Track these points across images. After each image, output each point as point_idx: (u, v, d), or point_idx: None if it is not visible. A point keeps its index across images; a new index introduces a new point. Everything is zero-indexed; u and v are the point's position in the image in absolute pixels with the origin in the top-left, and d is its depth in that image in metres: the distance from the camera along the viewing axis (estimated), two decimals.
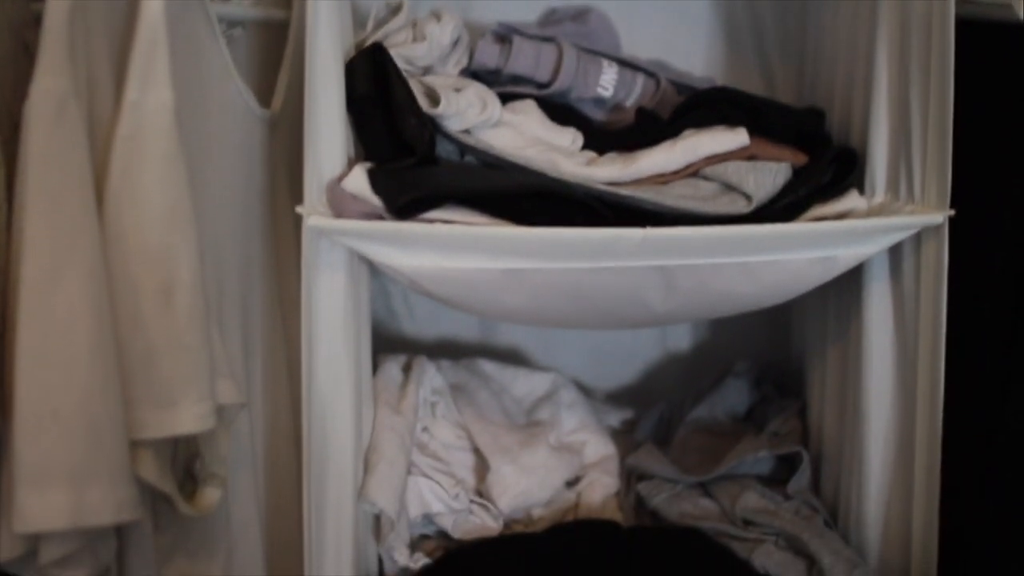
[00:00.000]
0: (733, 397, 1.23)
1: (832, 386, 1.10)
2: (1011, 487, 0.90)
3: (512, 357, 1.33)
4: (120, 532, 0.89)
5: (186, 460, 0.92)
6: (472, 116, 0.99)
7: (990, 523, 0.91)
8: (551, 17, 1.14)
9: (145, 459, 0.84)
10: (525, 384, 1.26)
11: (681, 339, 1.35)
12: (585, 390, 1.29)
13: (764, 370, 1.27)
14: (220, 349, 0.91)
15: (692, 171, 0.96)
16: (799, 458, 1.06)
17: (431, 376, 1.17)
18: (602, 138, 1.05)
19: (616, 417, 1.30)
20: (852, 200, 0.97)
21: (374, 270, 0.99)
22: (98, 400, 0.79)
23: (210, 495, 0.91)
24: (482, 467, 1.14)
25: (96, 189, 0.80)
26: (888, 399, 0.98)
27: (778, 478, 1.09)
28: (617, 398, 1.34)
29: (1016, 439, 0.90)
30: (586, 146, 1.04)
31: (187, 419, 0.83)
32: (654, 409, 1.28)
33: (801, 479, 1.06)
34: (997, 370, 0.92)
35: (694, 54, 1.23)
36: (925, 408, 0.95)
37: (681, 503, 1.07)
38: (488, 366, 1.26)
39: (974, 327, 0.95)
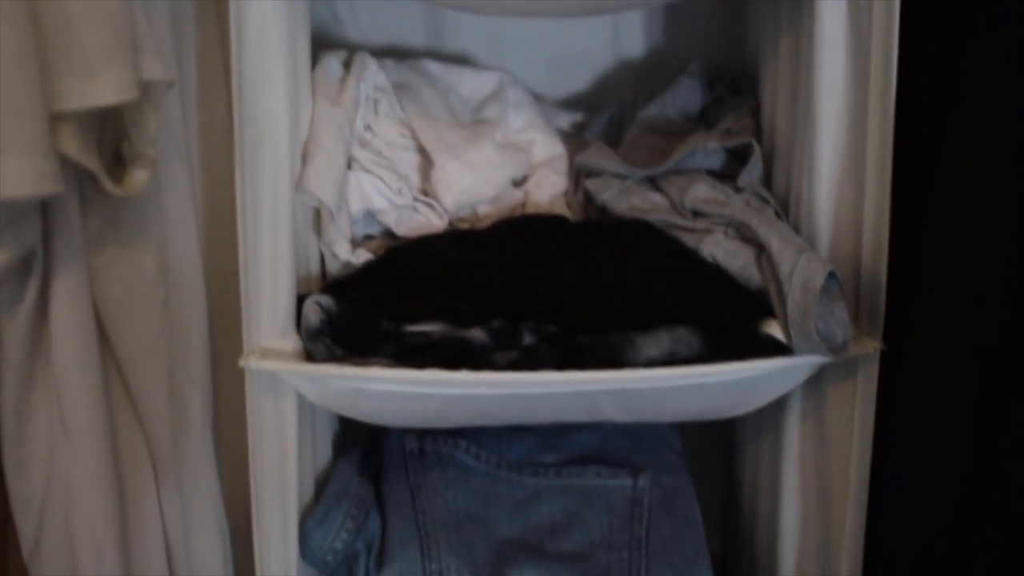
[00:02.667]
0: (685, 96, 1.22)
1: (785, 83, 1.09)
2: (960, 167, 0.91)
3: (460, 62, 1.31)
4: (45, 213, 0.88)
5: (113, 142, 0.91)
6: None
7: (940, 208, 0.92)
8: None
9: (67, 133, 0.82)
10: (471, 83, 1.24)
11: (635, 43, 1.33)
12: (536, 97, 1.27)
13: (718, 72, 1.26)
14: (144, 24, 0.88)
15: None
16: (750, 152, 1.07)
17: (373, 72, 1.15)
18: None
19: (566, 119, 1.29)
20: None
21: None
22: (13, 70, 0.77)
23: (138, 175, 0.90)
24: (427, 167, 1.13)
25: None
26: (841, 88, 0.98)
27: (729, 173, 1.09)
28: (569, 104, 1.33)
29: (968, 120, 0.90)
30: None
31: (108, 89, 0.81)
32: (604, 110, 1.27)
33: (752, 171, 1.06)
34: (951, 51, 0.91)
35: None
36: (877, 98, 0.94)
37: (630, 197, 1.08)
38: (433, 66, 1.23)
39: (929, 12, 0.94)
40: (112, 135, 0.91)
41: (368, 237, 1.13)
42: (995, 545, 0.96)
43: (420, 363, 0.94)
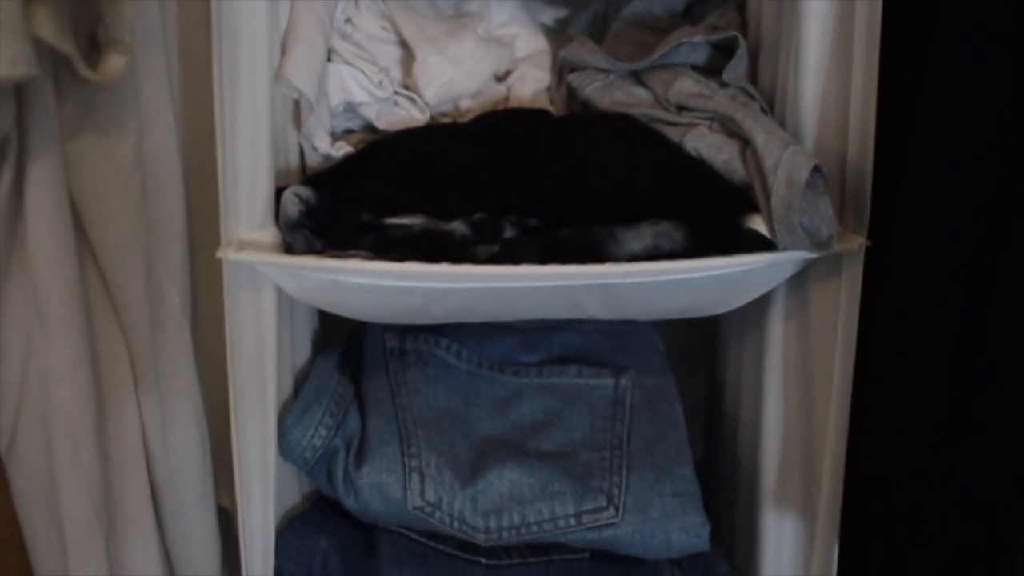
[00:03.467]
0: None
1: None
2: (950, 59, 0.91)
3: None
4: (19, 99, 0.89)
5: (89, 27, 0.91)
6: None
7: (928, 102, 0.93)
8: None
9: (41, 15, 0.82)
10: None
11: None
12: None
13: None
14: None
15: None
16: (736, 46, 1.07)
17: None
18: None
19: (549, 15, 1.29)
20: None
21: None
22: None
23: (114, 61, 0.90)
24: (408, 60, 1.14)
25: None
26: None
27: (714, 68, 1.09)
28: None
29: (958, 11, 0.90)
30: None
31: None
32: (588, 6, 1.27)
33: (737, 66, 1.06)
34: None
35: None
36: None
37: (613, 92, 1.08)
38: None
39: None
40: (88, 20, 0.90)
41: (348, 131, 1.14)
42: (978, 443, 0.98)
43: (400, 256, 0.95)
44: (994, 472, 0.98)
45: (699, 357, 1.36)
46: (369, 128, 1.13)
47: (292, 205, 0.96)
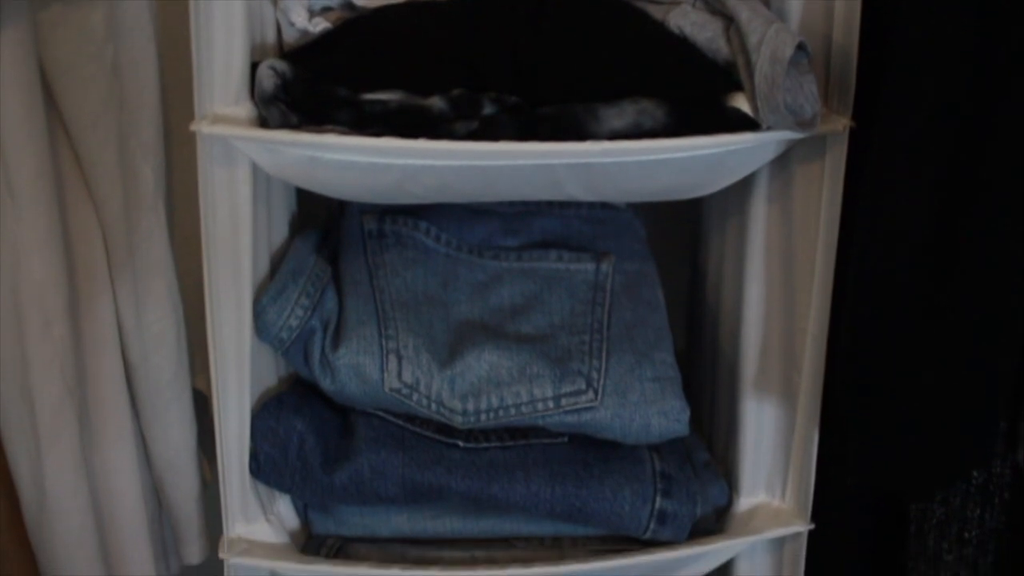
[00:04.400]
0: None
1: None
2: None
3: None
4: None
5: None
6: None
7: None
8: None
9: None
10: None
11: None
12: None
13: None
14: None
15: None
16: None
17: None
18: None
19: None
20: None
21: None
22: None
23: None
24: None
25: None
26: None
27: None
28: None
29: None
30: None
31: None
32: None
33: None
34: None
35: None
36: None
37: None
38: None
39: None
40: None
41: (327, 9, 1.13)
42: (960, 325, 1.01)
43: (377, 131, 0.96)
44: (976, 354, 1.01)
45: (681, 245, 1.38)
46: (347, 5, 1.12)
47: (267, 78, 0.96)
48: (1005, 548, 1.15)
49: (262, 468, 1.11)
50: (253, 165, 1.01)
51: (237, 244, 1.04)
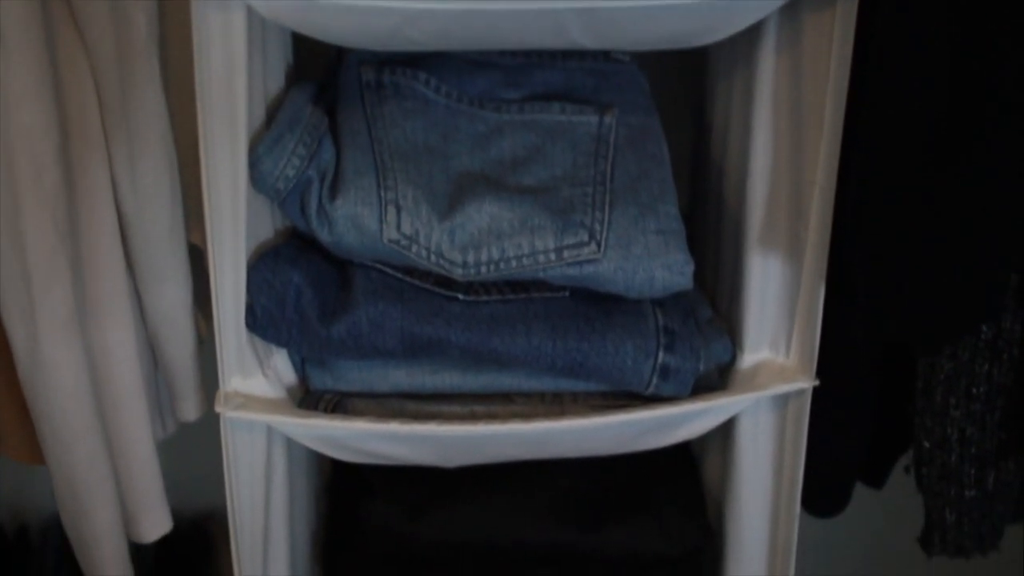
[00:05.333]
0: None
1: None
2: None
3: None
4: None
5: None
6: None
7: None
8: None
9: None
10: None
11: None
12: None
13: None
14: None
15: None
16: None
17: None
18: None
19: None
20: None
21: None
22: None
23: None
24: None
25: None
26: None
27: None
28: None
29: None
30: None
31: None
32: None
33: None
34: None
35: None
36: None
37: None
38: None
39: None
40: None
41: None
42: (971, 176, 1.01)
43: None
44: (989, 205, 1.01)
45: (685, 100, 1.38)
46: None
47: None
48: (1012, 404, 1.17)
49: (258, 321, 1.13)
50: (249, 10, 1.00)
51: (232, 92, 1.03)
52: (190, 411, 1.29)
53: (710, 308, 1.27)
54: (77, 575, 1.29)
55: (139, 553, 1.32)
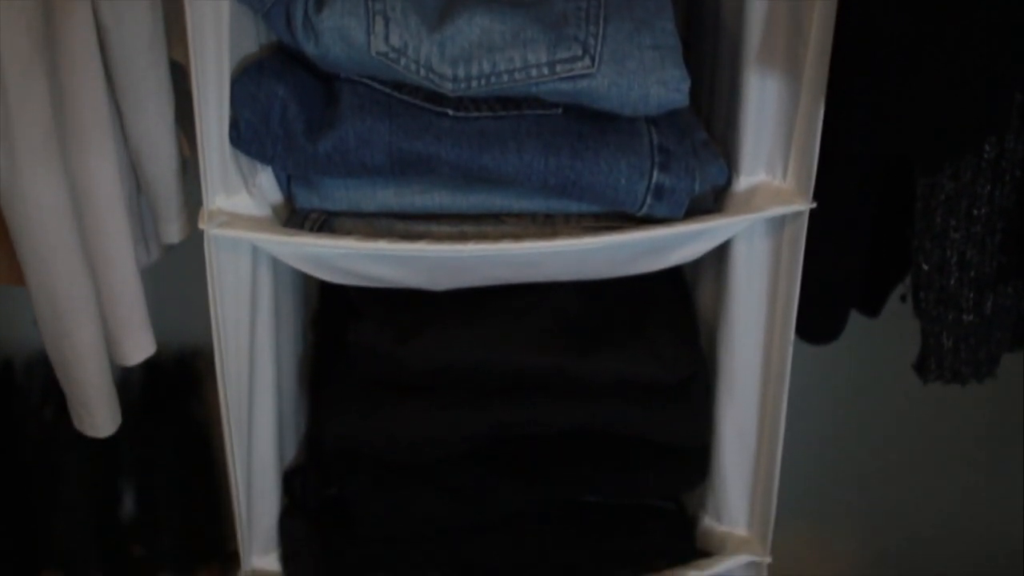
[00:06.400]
0: None
1: None
2: None
3: None
4: None
5: None
6: None
7: None
8: None
9: None
10: None
11: None
12: None
13: None
14: None
15: None
16: None
17: None
18: None
19: None
20: None
21: None
22: None
23: None
24: None
25: None
26: None
27: None
28: None
29: None
30: None
31: None
32: None
33: None
34: None
35: None
36: None
37: None
38: None
39: None
40: None
41: None
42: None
43: None
44: (995, 16, 1.00)
45: None
46: None
47: None
48: (1013, 227, 1.17)
49: (242, 136, 1.12)
50: None
51: None
52: (174, 233, 1.29)
53: (705, 132, 1.26)
54: (62, 410, 1.31)
55: (124, 388, 1.33)
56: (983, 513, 2.12)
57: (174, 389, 1.85)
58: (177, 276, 1.42)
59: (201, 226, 1.12)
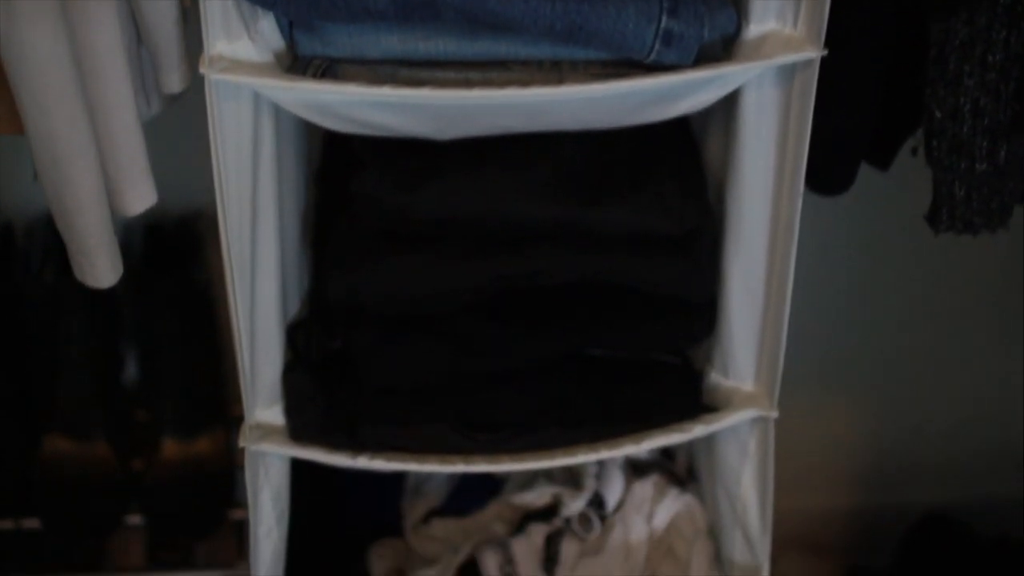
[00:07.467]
0: None
1: None
2: None
3: None
4: None
5: None
6: None
7: None
8: None
9: None
10: None
11: None
12: None
13: None
14: None
15: None
16: None
17: None
18: None
19: None
20: None
21: None
22: None
23: None
24: None
25: None
26: None
27: None
28: None
29: None
30: None
31: None
32: None
33: None
34: None
35: None
36: None
37: None
38: None
39: None
40: None
41: None
42: None
43: None
44: None
45: None
46: None
47: None
48: None
49: None
50: None
51: None
52: (175, 82, 1.29)
53: None
54: (64, 273, 1.32)
55: (126, 252, 1.34)
56: (991, 365, 2.15)
57: (176, 252, 1.86)
58: (178, 137, 1.43)
59: (202, 71, 1.12)
